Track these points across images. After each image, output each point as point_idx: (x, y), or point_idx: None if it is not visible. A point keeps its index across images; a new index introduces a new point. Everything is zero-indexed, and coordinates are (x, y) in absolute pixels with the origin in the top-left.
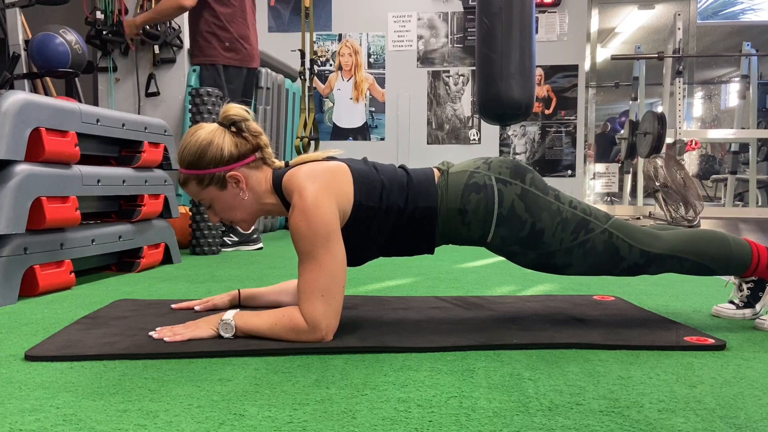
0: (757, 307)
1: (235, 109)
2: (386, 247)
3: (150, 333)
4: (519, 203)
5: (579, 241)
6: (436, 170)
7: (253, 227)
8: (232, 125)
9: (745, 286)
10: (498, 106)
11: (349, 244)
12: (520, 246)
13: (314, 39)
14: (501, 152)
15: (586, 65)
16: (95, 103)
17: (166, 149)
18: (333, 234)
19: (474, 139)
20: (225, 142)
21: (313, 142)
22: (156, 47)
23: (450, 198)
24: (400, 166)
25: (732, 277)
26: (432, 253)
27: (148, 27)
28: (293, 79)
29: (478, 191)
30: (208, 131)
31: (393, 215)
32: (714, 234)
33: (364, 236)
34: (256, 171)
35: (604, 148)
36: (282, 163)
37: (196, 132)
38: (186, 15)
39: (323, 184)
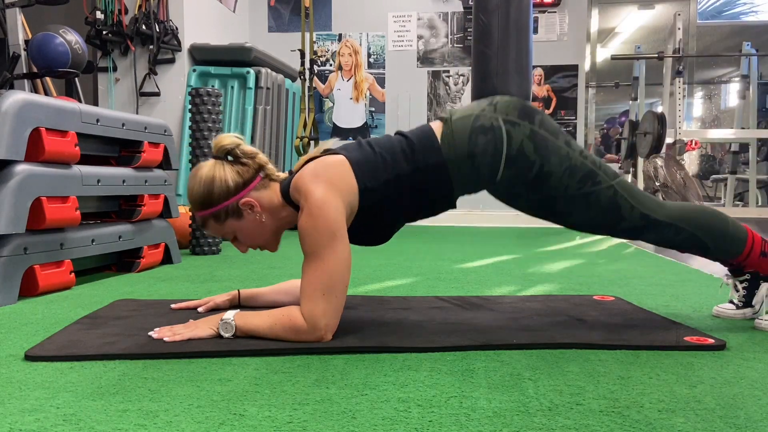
0: (756, 305)
1: (226, 139)
2: (409, 214)
3: (150, 333)
4: (528, 144)
5: (584, 192)
6: (438, 122)
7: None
8: (227, 155)
9: (740, 286)
10: None
11: (371, 226)
12: (526, 188)
13: (314, 39)
14: None
15: (586, 65)
16: (95, 103)
17: (166, 149)
18: (338, 233)
19: None
20: (226, 173)
21: (313, 142)
22: (153, 47)
23: (457, 144)
24: (396, 133)
25: (725, 278)
26: (455, 206)
27: (144, 27)
28: (293, 79)
29: (486, 133)
30: (208, 168)
31: (405, 182)
32: (714, 211)
33: (383, 214)
34: (266, 190)
35: (607, 145)
36: (286, 174)
37: (196, 174)
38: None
39: (327, 181)
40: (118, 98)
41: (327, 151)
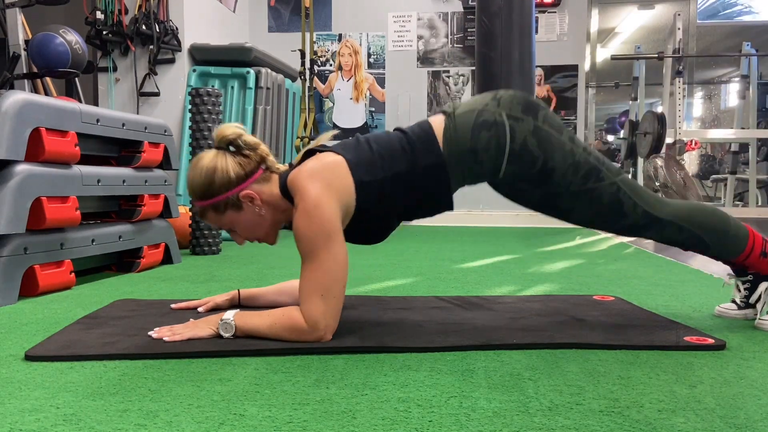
0: (758, 306)
1: (229, 129)
2: (405, 213)
3: (150, 333)
4: (532, 140)
5: (587, 188)
6: (441, 115)
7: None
8: (230, 145)
9: (742, 287)
10: None
11: (367, 225)
12: (529, 183)
13: (314, 39)
14: None
15: (586, 65)
16: (95, 103)
17: (166, 149)
18: (334, 234)
19: None
20: (228, 164)
21: (313, 142)
22: (153, 47)
23: (460, 139)
24: (395, 129)
25: (727, 277)
26: (451, 208)
27: (144, 27)
28: (293, 79)
29: (489, 129)
30: (210, 158)
31: (401, 181)
32: (716, 210)
33: (380, 212)
34: (266, 183)
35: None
36: (286, 166)
37: (198, 163)
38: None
39: (323, 182)
40: (118, 98)
41: (324, 147)
